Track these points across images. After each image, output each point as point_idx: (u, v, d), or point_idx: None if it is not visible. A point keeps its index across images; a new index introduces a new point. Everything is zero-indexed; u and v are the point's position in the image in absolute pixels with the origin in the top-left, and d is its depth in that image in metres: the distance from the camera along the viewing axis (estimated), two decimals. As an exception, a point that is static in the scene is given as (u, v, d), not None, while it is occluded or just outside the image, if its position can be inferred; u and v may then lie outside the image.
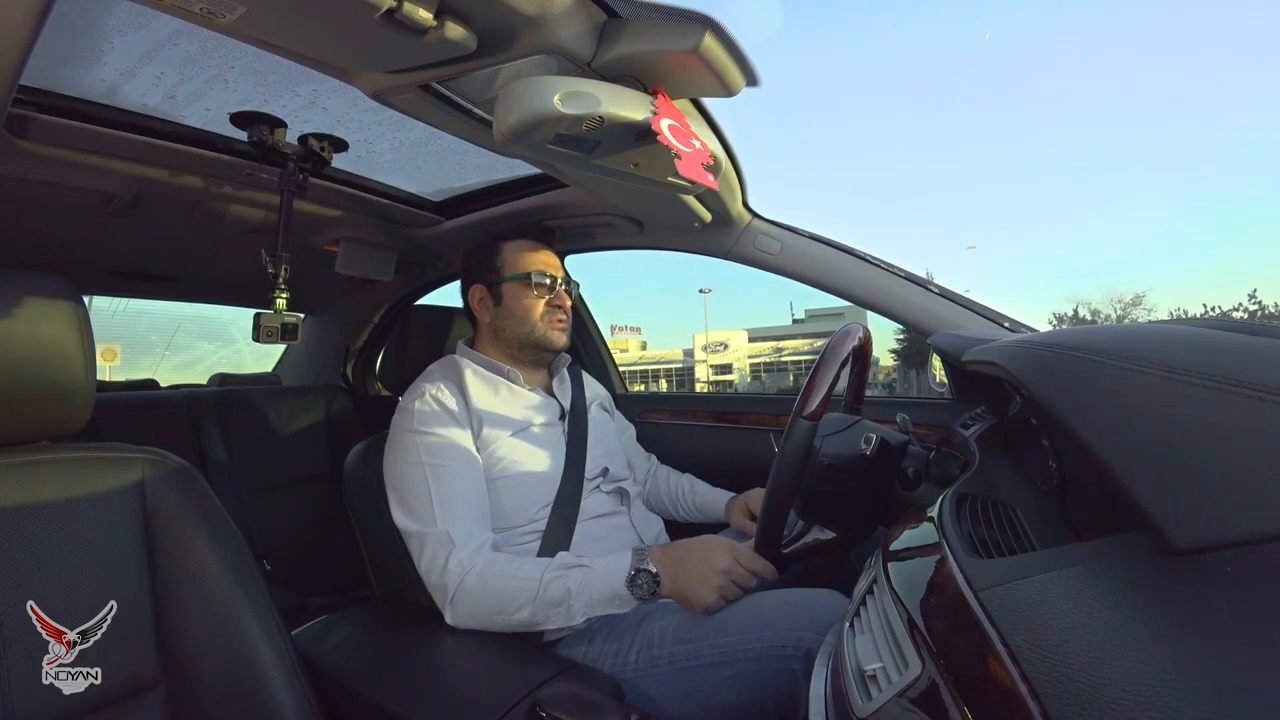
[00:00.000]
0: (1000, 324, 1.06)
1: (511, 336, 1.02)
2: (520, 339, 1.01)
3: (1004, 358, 0.46)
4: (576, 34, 0.63)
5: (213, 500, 0.68)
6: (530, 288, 1.01)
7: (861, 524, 0.77)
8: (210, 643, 0.62)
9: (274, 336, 1.08)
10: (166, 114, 0.96)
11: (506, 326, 1.02)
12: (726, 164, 0.98)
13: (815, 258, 1.18)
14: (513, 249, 1.04)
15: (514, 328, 1.01)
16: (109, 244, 1.31)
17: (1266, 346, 0.34)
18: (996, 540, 0.42)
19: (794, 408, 0.67)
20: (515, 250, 1.04)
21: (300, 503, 1.65)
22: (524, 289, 1.01)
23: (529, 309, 1.01)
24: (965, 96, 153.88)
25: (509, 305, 1.02)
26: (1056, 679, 0.25)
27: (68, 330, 0.59)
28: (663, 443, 1.32)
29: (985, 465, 0.61)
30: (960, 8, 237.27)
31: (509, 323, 1.02)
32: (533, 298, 1.01)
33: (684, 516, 1.18)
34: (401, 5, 0.55)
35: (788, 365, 36.49)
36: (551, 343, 1.02)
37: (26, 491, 0.58)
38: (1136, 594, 0.29)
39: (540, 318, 1.01)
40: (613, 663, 0.76)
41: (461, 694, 0.68)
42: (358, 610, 0.94)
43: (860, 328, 0.75)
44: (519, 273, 1.02)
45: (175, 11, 0.58)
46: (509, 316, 1.02)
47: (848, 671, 0.42)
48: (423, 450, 0.86)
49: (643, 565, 0.76)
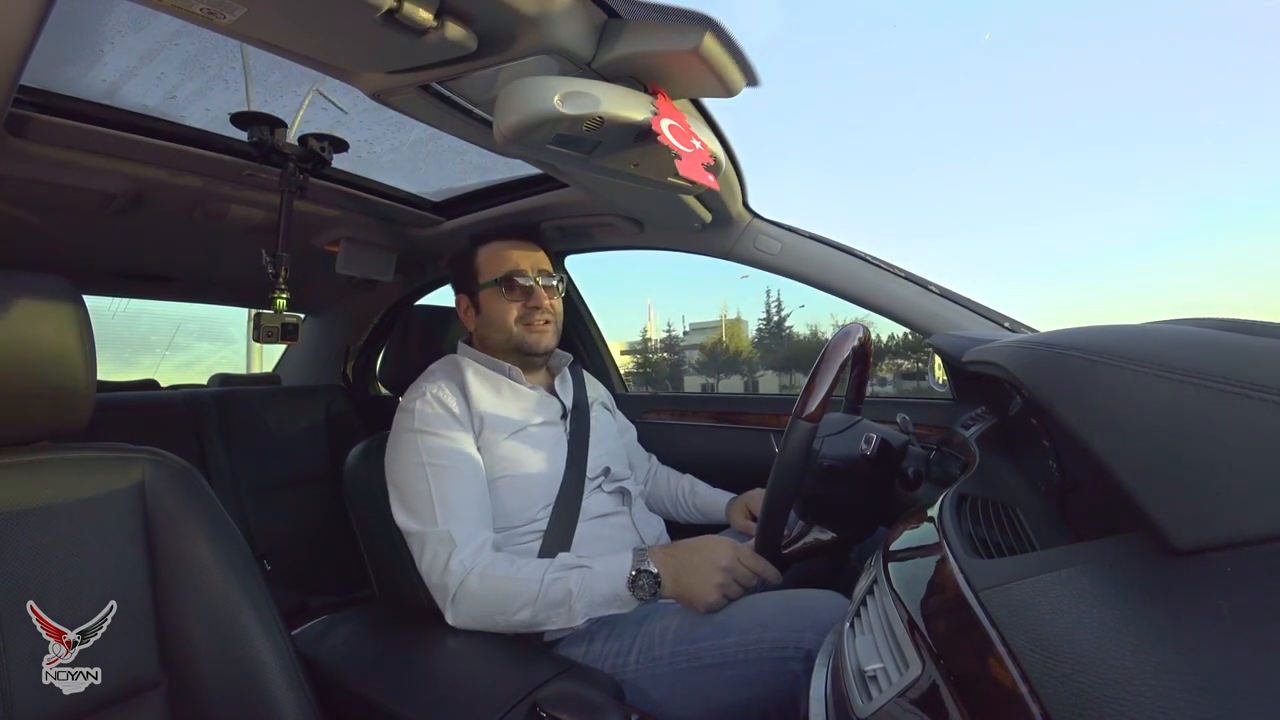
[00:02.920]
0: (1000, 324, 1.06)
1: (494, 345, 1.00)
2: (502, 346, 1.00)
3: (1004, 358, 0.46)
4: (576, 34, 0.63)
5: (213, 500, 0.68)
6: (505, 292, 0.98)
7: (862, 524, 0.77)
8: (210, 643, 0.62)
9: (274, 336, 1.08)
10: (167, 114, 0.96)
11: (488, 335, 1.01)
12: (726, 164, 0.97)
13: (815, 258, 1.18)
14: (486, 254, 1.01)
15: (494, 335, 1.00)
16: (109, 244, 1.31)
17: (1266, 346, 0.34)
18: (997, 540, 0.42)
19: (793, 409, 0.67)
20: (489, 255, 1.01)
21: (300, 503, 1.65)
22: (497, 295, 0.99)
23: (505, 314, 0.98)
24: (965, 96, 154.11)
25: (487, 313, 1.00)
26: (1057, 679, 0.25)
27: (68, 330, 0.59)
28: (663, 443, 1.32)
29: (985, 465, 0.61)
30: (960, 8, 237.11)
31: (489, 331, 1.00)
32: (507, 302, 0.98)
33: (684, 517, 1.18)
34: (401, 5, 0.55)
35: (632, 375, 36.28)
36: (531, 346, 0.99)
37: (27, 491, 0.58)
38: (1136, 594, 0.29)
39: (516, 322, 0.98)
40: (613, 663, 0.76)
41: (461, 694, 0.68)
42: (358, 610, 0.94)
43: (860, 328, 0.75)
44: (490, 279, 0.99)
45: (175, 12, 0.58)
46: (488, 325, 1.00)
47: (848, 672, 0.42)
48: (424, 450, 0.86)
49: (644, 566, 0.76)
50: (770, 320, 10.68)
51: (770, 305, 10.62)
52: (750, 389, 6.10)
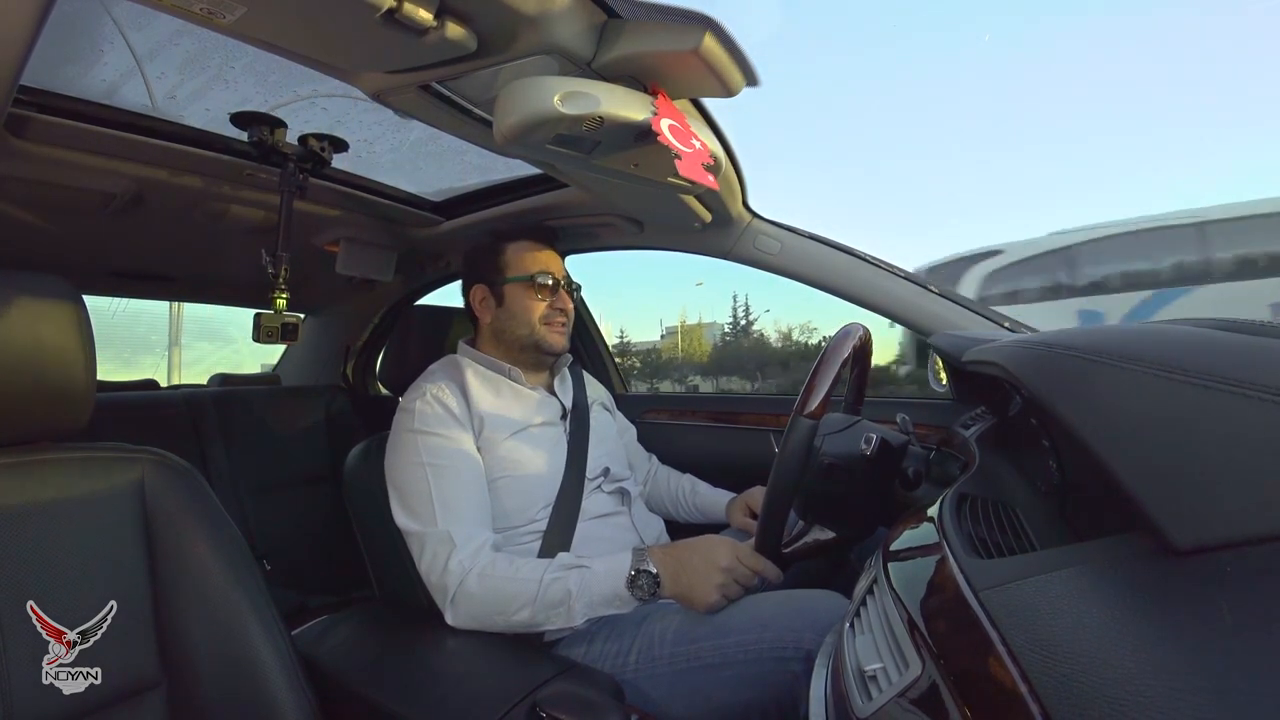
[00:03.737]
0: (1000, 324, 1.06)
1: (512, 338, 1.02)
2: (520, 340, 1.01)
3: (1004, 358, 0.46)
4: (576, 34, 0.63)
5: (213, 500, 0.68)
6: (533, 289, 1.01)
7: (862, 524, 0.77)
8: (210, 643, 0.62)
9: (274, 336, 1.08)
10: (166, 114, 0.96)
11: (507, 328, 1.02)
12: (726, 164, 0.97)
13: (815, 258, 1.18)
14: (516, 249, 1.04)
15: (514, 329, 1.01)
16: (109, 244, 1.31)
17: (1266, 346, 0.34)
18: (997, 540, 0.41)
19: (794, 407, 0.67)
20: (519, 251, 1.04)
21: (300, 503, 1.64)
22: (526, 290, 1.01)
23: (530, 310, 1.01)
24: (964, 95, 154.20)
25: (510, 306, 1.02)
26: (1056, 679, 0.25)
27: (68, 330, 0.59)
28: (663, 443, 1.32)
29: (985, 465, 0.61)
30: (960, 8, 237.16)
31: (510, 324, 1.02)
32: (535, 299, 1.01)
33: (684, 517, 1.18)
34: (401, 5, 0.55)
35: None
36: (550, 345, 1.02)
37: (27, 491, 0.58)
38: (1137, 594, 0.29)
39: (541, 320, 1.01)
40: (613, 663, 0.76)
41: (462, 694, 0.68)
42: (358, 610, 0.94)
43: (860, 328, 0.75)
44: (522, 274, 1.02)
45: (175, 12, 0.58)
46: (510, 318, 1.02)
47: (848, 672, 0.42)
48: (424, 450, 0.86)
49: (643, 566, 0.76)
50: (737, 324, 10.93)
51: (737, 310, 10.91)
52: (690, 390, 6.23)
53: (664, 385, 9.67)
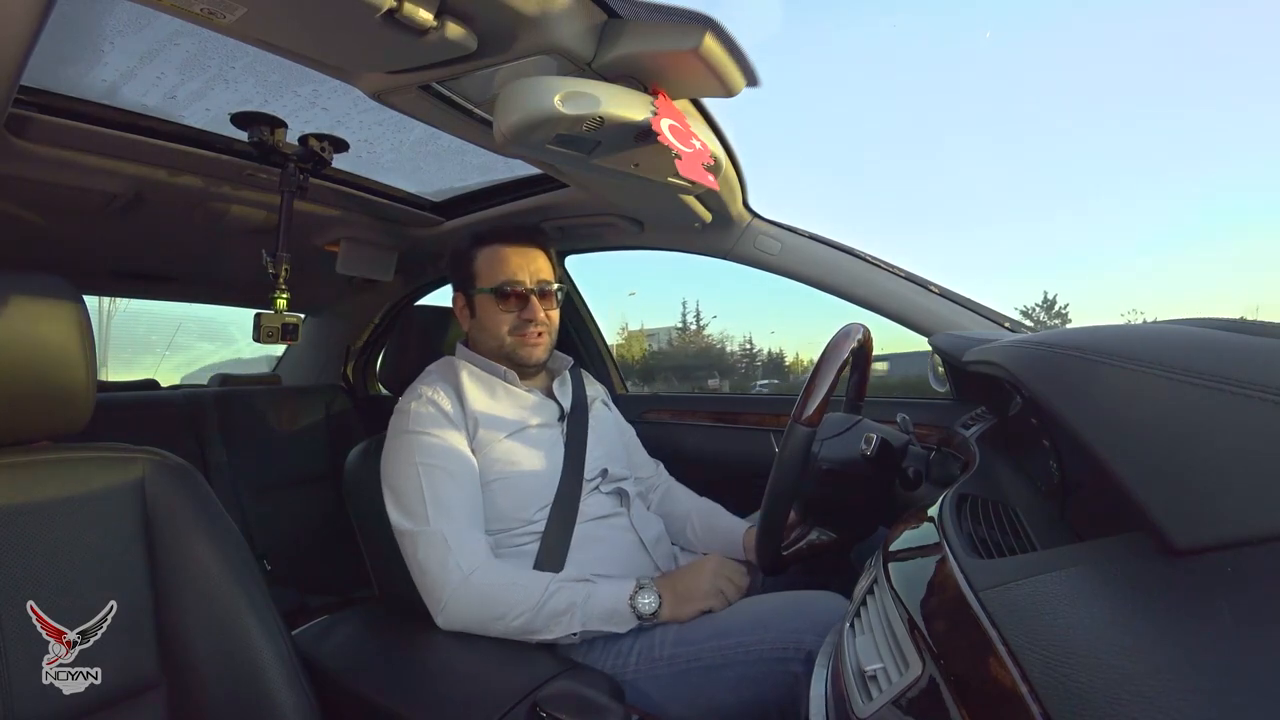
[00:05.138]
0: (1000, 324, 1.06)
1: (486, 349, 0.99)
2: (493, 352, 0.99)
3: (1004, 358, 0.46)
4: (576, 34, 0.63)
5: (213, 500, 0.68)
6: (498, 301, 0.95)
7: (862, 525, 0.76)
8: (210, 643, 0.62)
9: (274, 337, 1.08)
10: (167, 114, 0.96)
11: (480, 339, 1.00)
12: (727, 164, 0.98)
13: (815, 258, 1.18)
14: (485, 257, 0.98)
15: (486, 341, 0.99)
16: (109, 244, 1.31)
17: (1266, 346, 0.34)
18: (997, 540, 0.41)
19: (792, 413, 0.66)
20: (489, 258, 0.98)
21: (300, 503, 1.65)
22: (492, 302, 0.96)
23: (498, 324, 0.96)
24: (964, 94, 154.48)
25: (480, 318, 0.98)
26: (1057, 679, 0.25)
27: (68, 330, 0.59)
28: (663, 443, 1.32)
29: (985, 465, 0.61)
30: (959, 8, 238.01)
31: (481, 335, 0.99)
32: (500, 312, 0.96)
33: (699, 548, 1.08)
34: (402, 5, 0.55)
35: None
36: (523, 358, 0.97)
37: (27, 491, 0.58)
38: (1137, 594, 0.29)
39: (509, 333, 0.96)
40: (613, 663, 0.76)
41: (462, 694, 0.68)
42: (358, 610, 0.94)
43: (860, 328, 0.74)
44: (487, 286, 0.96)
45: (175, 12, 0.58)
46: (480, 330, 0.99)
47: (848, 672, 0.42)
48: (418, 450, 0.86)
49: (644, 586, 0.77)
50: (686, 330, 11.33)
51: (687, 317, 11.36)
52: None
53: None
